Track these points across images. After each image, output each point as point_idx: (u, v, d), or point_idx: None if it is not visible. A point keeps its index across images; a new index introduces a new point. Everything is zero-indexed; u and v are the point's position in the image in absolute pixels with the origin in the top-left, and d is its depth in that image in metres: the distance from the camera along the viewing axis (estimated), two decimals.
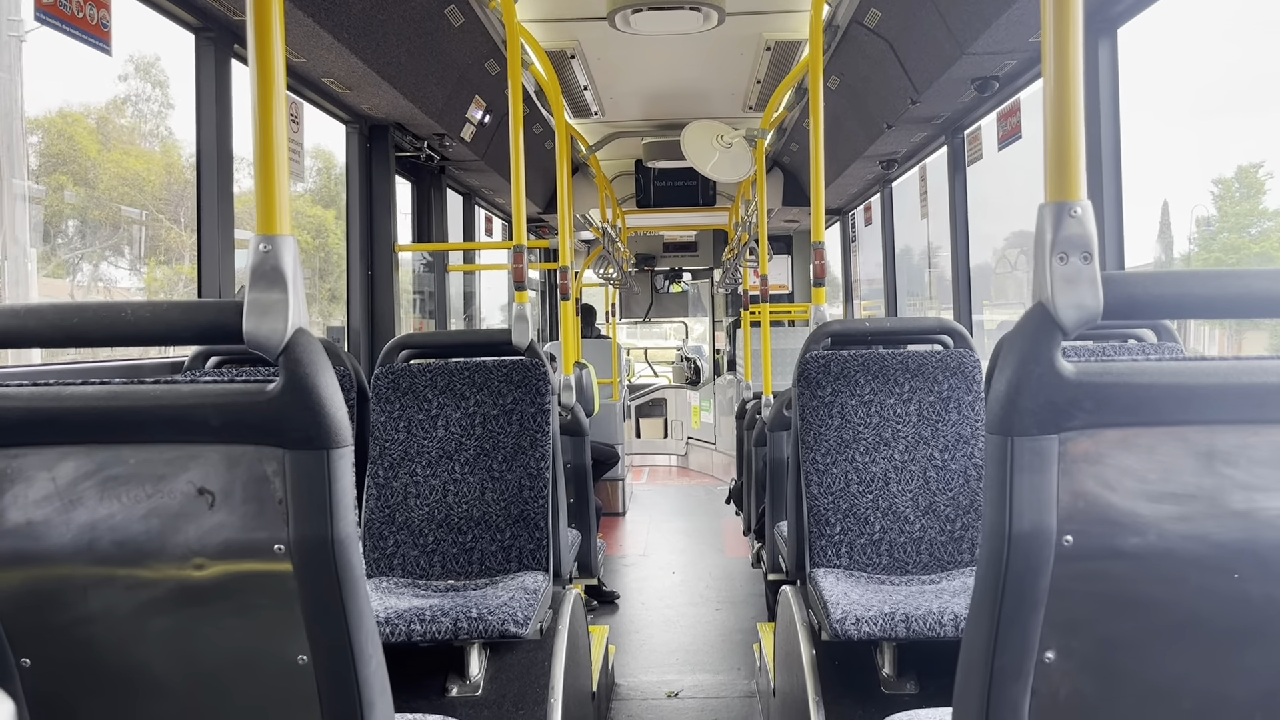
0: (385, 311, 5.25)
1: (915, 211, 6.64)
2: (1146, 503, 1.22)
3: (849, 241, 9.21)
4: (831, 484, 3.10)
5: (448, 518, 3.20)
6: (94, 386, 1.29)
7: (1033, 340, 1.19)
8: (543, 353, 3.35)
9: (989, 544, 1.25)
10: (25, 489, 1.31)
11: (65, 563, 1.33)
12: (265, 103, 1.31)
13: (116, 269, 5.88)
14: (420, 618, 2.62)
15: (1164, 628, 1.27)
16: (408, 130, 5.35)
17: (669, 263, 12.79)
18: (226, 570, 1.31)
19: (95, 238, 5.64)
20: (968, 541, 3.04)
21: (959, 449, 3.09)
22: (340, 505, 1.28)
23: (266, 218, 1.30)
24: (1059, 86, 1.18)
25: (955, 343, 3.20)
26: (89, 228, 5.58)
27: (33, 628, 1.37)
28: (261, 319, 1.24)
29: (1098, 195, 3.67)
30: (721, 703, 4.28)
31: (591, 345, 8.93)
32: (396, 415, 3.24)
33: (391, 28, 4.06)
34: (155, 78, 6.05)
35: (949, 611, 2.52)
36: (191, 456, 1.29)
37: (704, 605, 5.95)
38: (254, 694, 1.40)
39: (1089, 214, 1.17)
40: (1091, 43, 3.65)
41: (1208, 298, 1.22)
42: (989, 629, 1.27)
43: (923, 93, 4.70)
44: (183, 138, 5.46)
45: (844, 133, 6.19)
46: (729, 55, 5.85)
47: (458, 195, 7.34)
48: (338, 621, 1.31)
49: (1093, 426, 1.20)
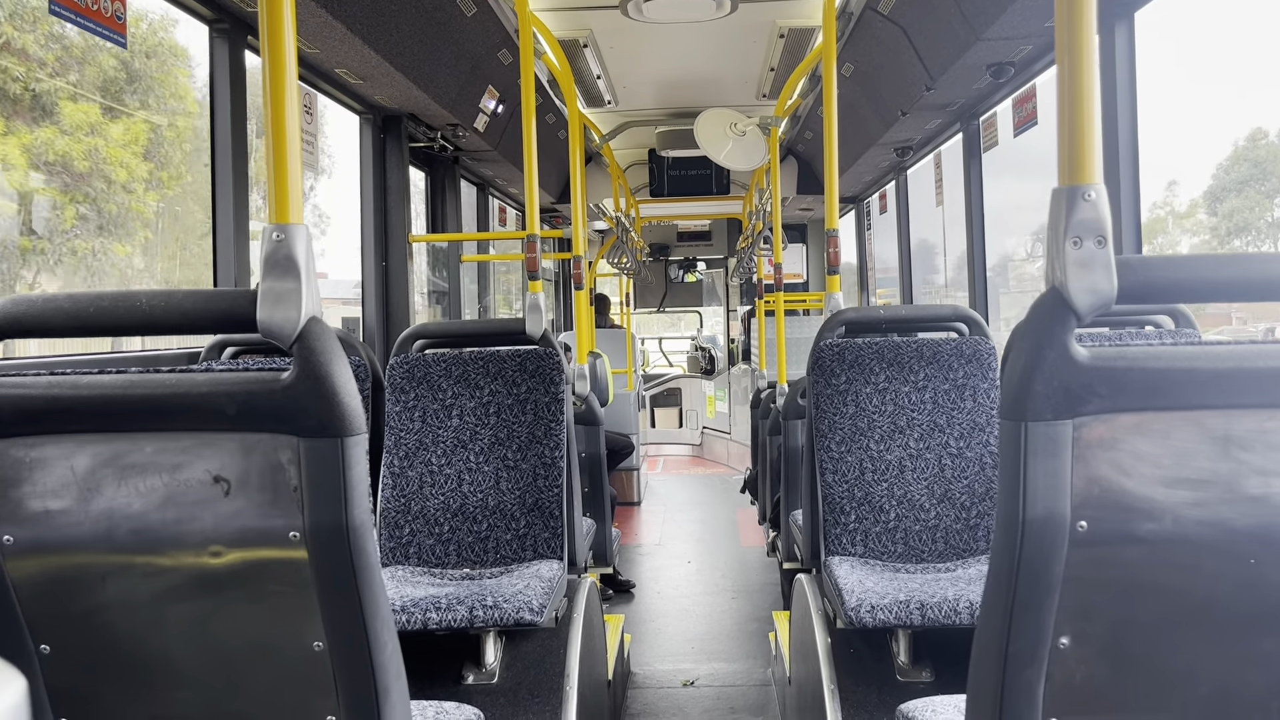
0: (400, 302, 5.26)
1: (931, 199, 6.61)
2: (1162, 488, 1.21)
3: (864, 229, 9.18)
4: (846, 472, 3.10)
5: (463, 507, 3.21)
6: (111, 376, 1.30)
7: (1046, 325, 1.18)
8: (557, 342, 3.36)
9: (1003, 530, 1.24)
10: (44, 477, 1.33)
11: (84, 550, 1.34)
12: (277, 93, 1.31)
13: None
14: (436, 606, 2.63)
15: (1179, 613, 1.26)
16: (421, 121, 5.36)
17: (683, 252, 12.76)
18: (243, 557, 1.33)
19: None
20: (983, 529, 3.04)
21: (974, 436, 3.08)
22: (354, 492, 1.28)
23: (279, 206, 1.30)
24: (1072, 70, 1.18)
25: (970, 330, 3.19)
26: None
27: (52, 615, 1.38)
28: (275, 307, 1.25)
29: (1114, 179, 3.65)
30: (737, 691, 4.29)
31: (605, 335, 8.93)
32: (411, 405, 3.25)
33: (404, 18, 4.07)
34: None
35: (964, 599, 2.52)
36: (207, 445, 1.30)
37: (719, 594, 5.96)
38: (270, 680, 1.41)
39: (1103, 198, 1.17)
40: (1107, 26, 3.62)
41: (1224, 281, 1.22)
42: (1003, 615, 1.26)
43: (937, 79, 4.67)
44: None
45: (858, 120, 6.16)
46: (742, 43, 5.82)
47: (471, 186, 7.34)
48: (353, 608, 1.32)
49: (1107, 411, 1.19)
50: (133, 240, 5.89)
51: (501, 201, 8.23)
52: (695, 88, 6.87)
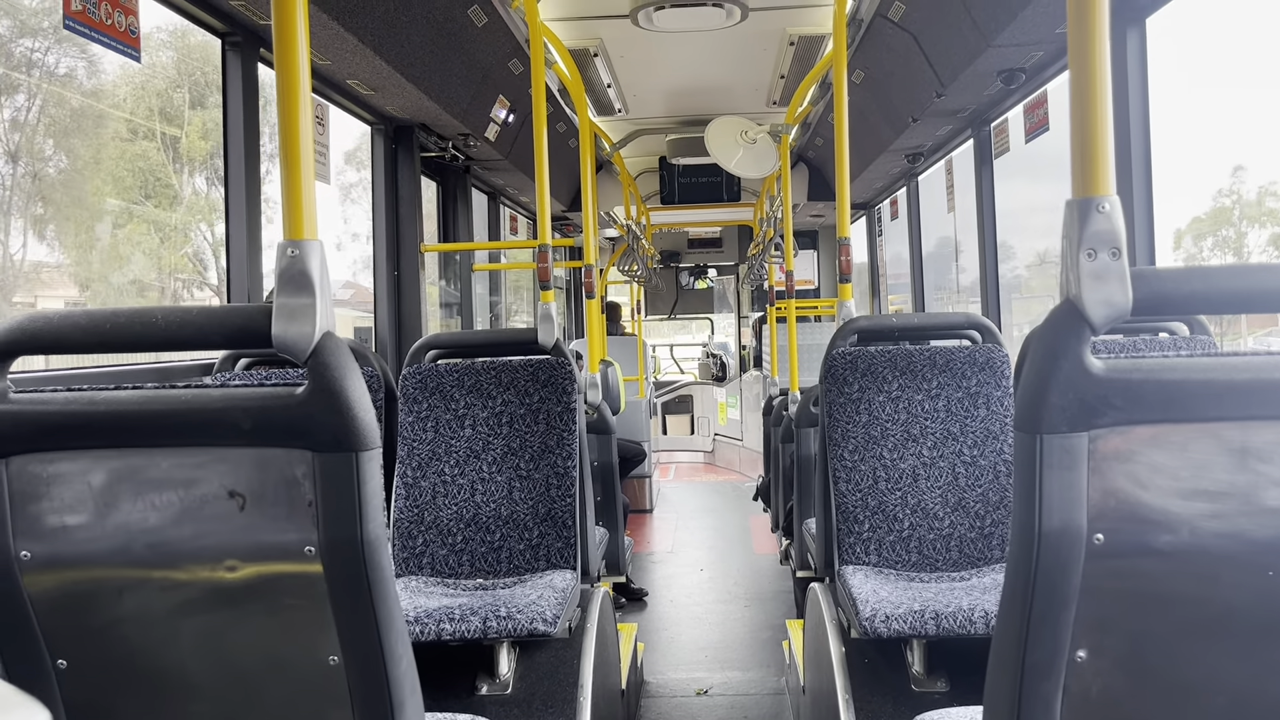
0: (412, 312, 5.28)
1: (942, 205, 6.59)
2: (1179, 500, 1.21)
3: (875, 236, 9.16)
4: (860, 481, 3.09)
5: (476, 517, 3.21)
6: (127, 391, 1.31)
7: (1061, 337, 1.18)
8: (568, 351, 3.36)
9: (1018, 542, 1.24)
10: (61, 493, 1.33)
11: (100, 565, 1.35)
12: (290, 106, 1.32)
13: None
14: (450, 617, 2.63)
15: (1197, 626, 1.25)
16: (432, 131, 5.38)
17: (694, 259, 12.76)
18: (258, 572, 1.33)
19: None
20: (998, 538, 3.02)
21: (988, 445, 3.07)
22: (369, 507, 1.29)
23: (293, 222, 1.31)
24: (1085, 79, 1.17)
25: (984, 338, 3.18)
26: None
27: (69, 630, 1.39)
28: (289, 323, 1.26)
29: (1126, 190, 3.63)
30: (751, 700, 4.28)
31: (617, 343, 8.93)
32: (424, 415, 3.26)
33: (415, 29, 4.08)
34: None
35: (979, 609, 2.51)
36: (222, 460, 1.31)
37: (732, 602, 5.95)
38: (286, 694, 1.41)
39: (1117, 209, 1.16)
40: (1119, 33, 3.61)
41: (1240, 292, 1.21)
42: (1019, 627, 1.26)
43: (948, 86, 4.66)
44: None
45: (869, 127, 6.15)
46: (752, 51, 5.83)
47: (482, 195, 7.36)
48: (368, 622, 1.32)
49: (1123, 424, 1.19)
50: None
51: (512, 210, 8.25)
52: (705, 95, 6.88)
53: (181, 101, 3.27)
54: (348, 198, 7.02)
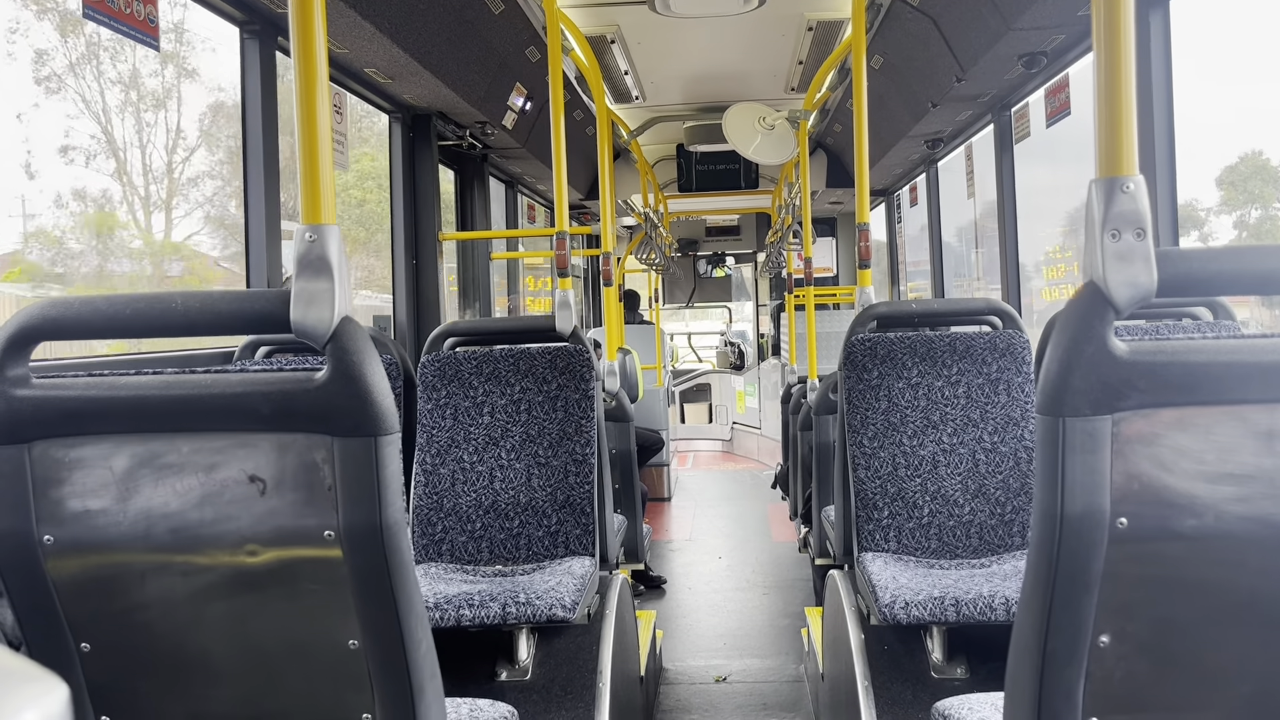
0: (430, 300, 5.29)
1: (962, 191, 6.55)
2: (1204, 484, 1.19)
3: (894, 222, 9.11)
4: (879, 468, 3.08)
5: (495, 504, 3.22)
6: (147, 377, 1.31)
7: (1084, 319, 1.16)
8: (586, 339, 3.36)
9: (1040, 527, 1.23)
10: (83, 478, 1.34)
11: (122, 550, 1.36)
12: (308, 94, 1.32)
13: None
14: (469, 603, 2.64)
15: (1222, 610, 1.24)
16: (450, 119, 5.37)
17: (712, 247, 12.73)
18: (278, 556, 1.34)
19: None
20: (1019, 525, 3.01)
21: (1009, 431, 3.05)
22: (388, 491, 1.29)
23: (311, 207, 1.31)
24: (1109, 60, 1.16)
25: (1004, 324, 3.16)
26: None
27: (92, 614, 1.40)
28: (308, 308, 1.26)
29: (1150, 170, 3.59)
30: (770, 687, 4.28)
31: (635, 331, 8.93)
32: (443, 402, 3.27)
33: (432, 16, 4.08)
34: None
35: (1000, 595, 2.49)
36: (243, 445, 1.31)
37: (751, 590, 5.95)
38: (306, 678, 1.42)
39: (1142, 189, 1.15)
40: (1142, 15, 3.57)
41: (1266, 273, 1.19)
42: (1041, 613, 1.25)
43: (968, 70, 4.62)
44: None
45: (888, 112, 6.11)
46: (770, 36, 5.79)
47: (500, 183, 7.36)
48: (387, 606, 1.33)
49: (1147, 406, 1.18)
50: None
51: (530, 199, 8.24)
52: (723, 82, 6.85)
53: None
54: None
